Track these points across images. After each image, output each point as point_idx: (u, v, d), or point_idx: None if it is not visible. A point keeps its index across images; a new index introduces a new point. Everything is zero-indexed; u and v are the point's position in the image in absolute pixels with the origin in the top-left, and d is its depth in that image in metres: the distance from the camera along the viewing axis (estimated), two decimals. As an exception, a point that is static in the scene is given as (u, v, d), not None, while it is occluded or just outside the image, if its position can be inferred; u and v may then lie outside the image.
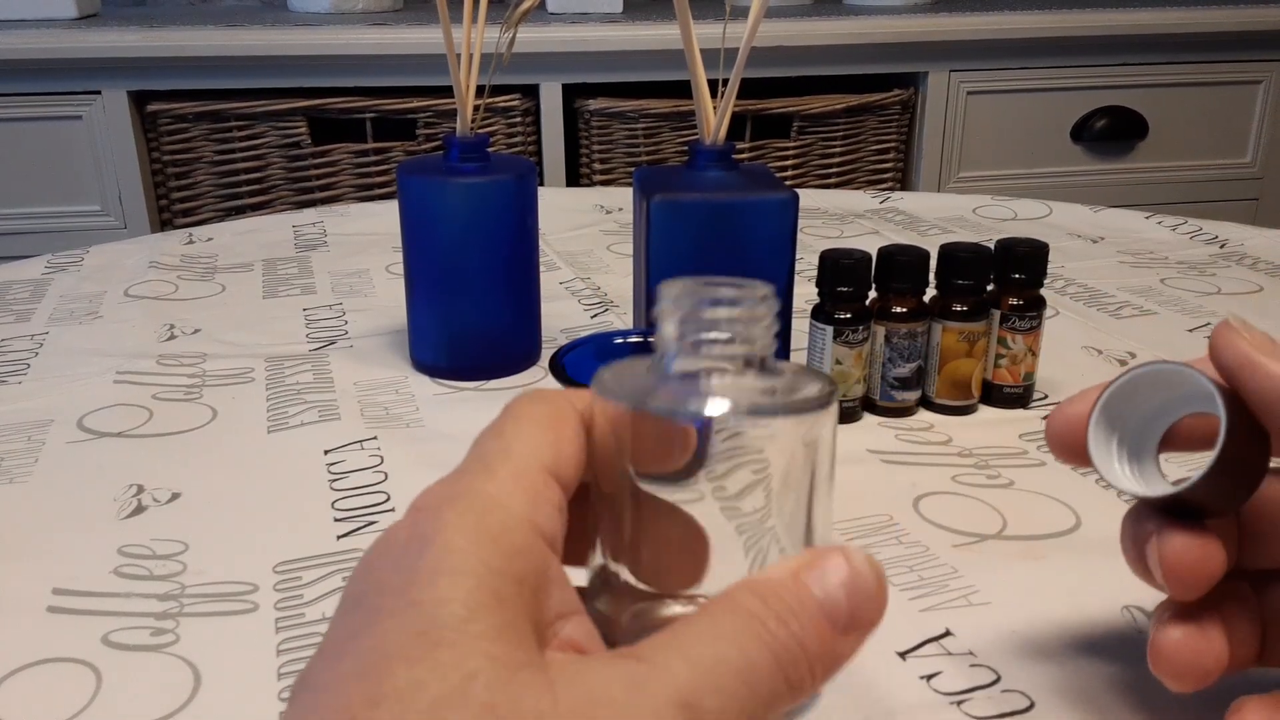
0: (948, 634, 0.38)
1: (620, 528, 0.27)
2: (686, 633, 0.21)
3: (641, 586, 0.27)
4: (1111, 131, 1.57)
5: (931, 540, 0.44)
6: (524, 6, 0.56)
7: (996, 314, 0.55)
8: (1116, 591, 0.40)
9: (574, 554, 0.27)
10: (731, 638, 0.21)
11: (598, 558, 0.28)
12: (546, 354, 0.63)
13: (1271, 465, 0.29)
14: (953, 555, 0.43)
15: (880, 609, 0.23)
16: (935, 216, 0.96)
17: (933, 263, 0.55)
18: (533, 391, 0.28)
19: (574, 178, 1.50)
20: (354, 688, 0.19)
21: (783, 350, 0.57)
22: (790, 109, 1.45)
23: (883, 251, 0.54)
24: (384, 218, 0.94)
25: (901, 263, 0.53)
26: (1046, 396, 0.58)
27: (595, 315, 0.71)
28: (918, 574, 0.42)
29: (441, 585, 0.20)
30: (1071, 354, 0.64)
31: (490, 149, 0.60)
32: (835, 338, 0.53)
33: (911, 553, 0.43)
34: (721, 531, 0.27)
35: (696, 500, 0.27)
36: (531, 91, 1.43)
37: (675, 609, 0.27)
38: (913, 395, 0.55)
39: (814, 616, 0.22)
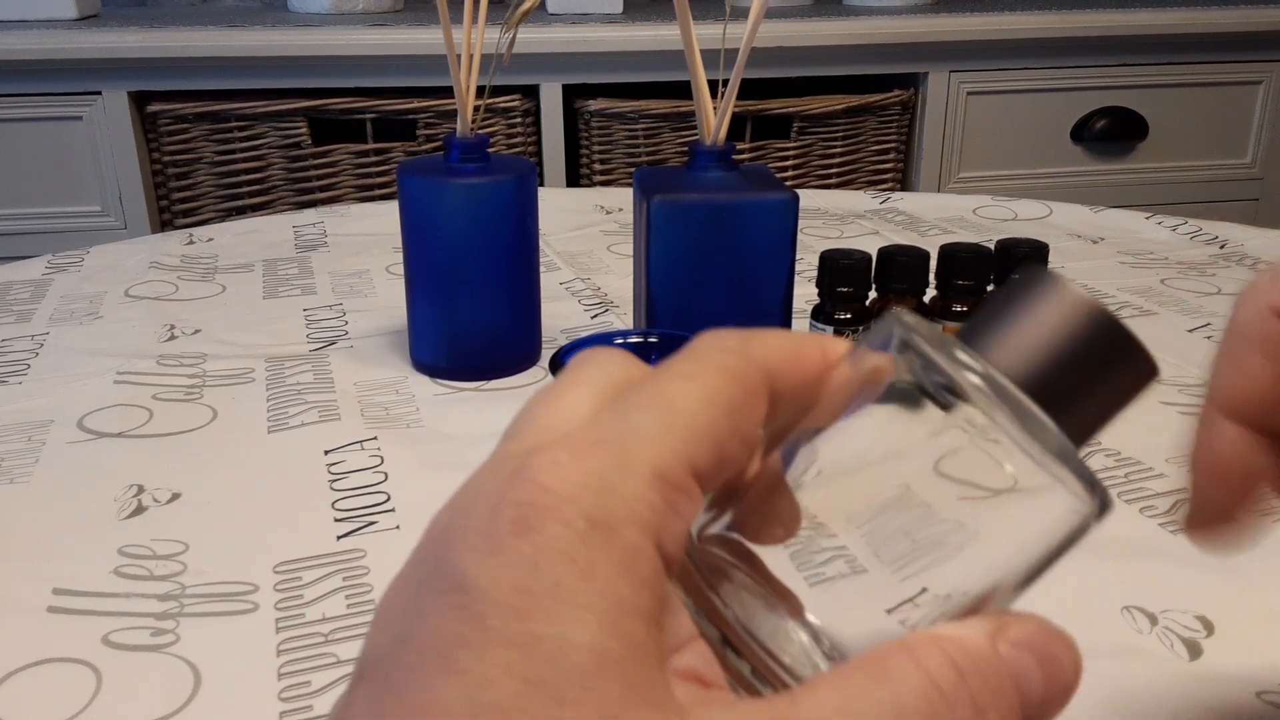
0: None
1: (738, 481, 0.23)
2: (857, 695, 0.18)
3: (735, 537, 0.23)
4: (1111, 132, 1.57)
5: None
6: (524, 7, 0.56)
7: (996, 314, 0.55)
8: (1116, 592, 0.40)
9: None
10: (915, 713, 0.18)
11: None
12: (546, 354, 0.63)
13: None
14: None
15: (1064, 703, 0.19)
16: (935, 217, 0.96)
17: (933, 263, 0.55)
18: (724, 345, 0.22)
19: (574, 178, 1.50)
20: None
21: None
22: (790, 109, 1.45)
23: (883, 252, 0.54)
24: (384, 218, 0.94)
25: (901, 263, 0.53)
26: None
27: (595, 315, 0.71)
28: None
29: (567, 621, 0.17)
30: (1071, 354, 0.64)
31: (490, 149, 0.60)
32: (835, 338, 0.53)
33: (911, 553, 0.43)
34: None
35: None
36: (531, 92, 1.43)
37: (794, 632, 0.22)
38: (913, 395, 0.55)
39: (1011, 707, 0.19)
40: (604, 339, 0.51)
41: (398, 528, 0.46)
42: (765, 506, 0.22)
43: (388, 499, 0.48)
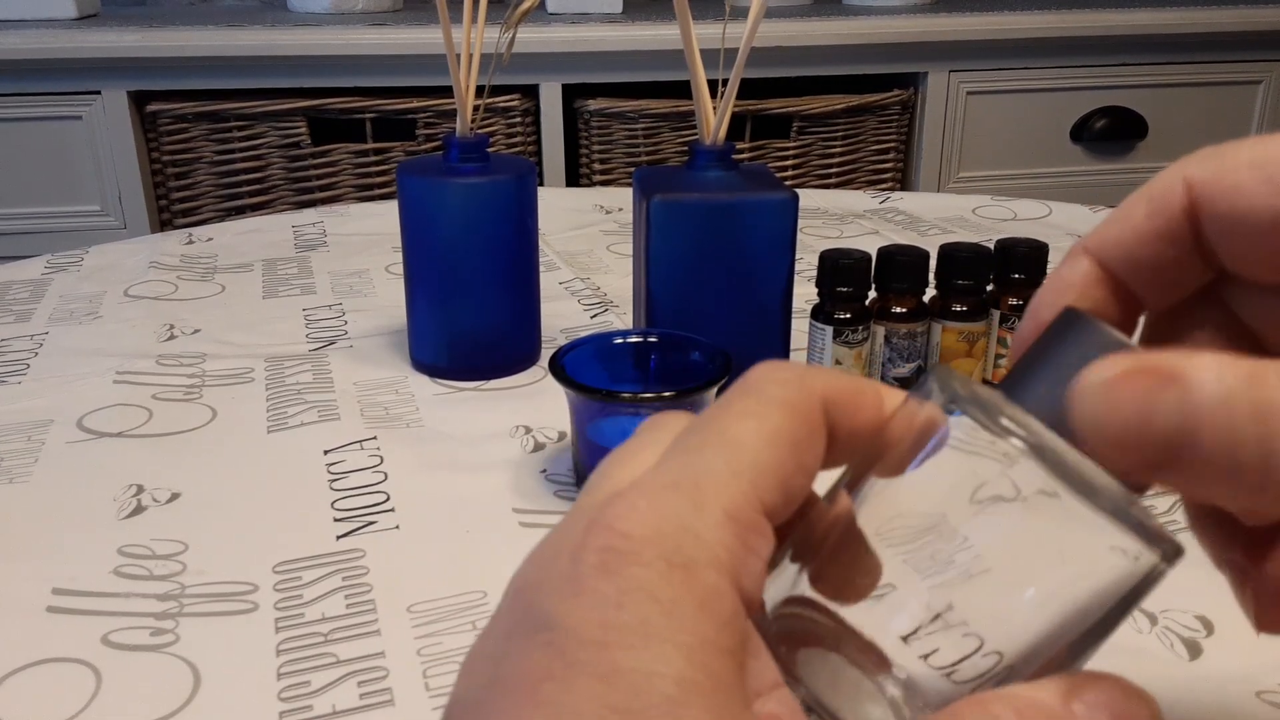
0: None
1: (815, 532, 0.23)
2: None
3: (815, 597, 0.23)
4: (1111, 131, 1.57)
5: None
6: (524, 6, 0.56)
7: (996, 314, 0.55)
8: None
9: None
10: None
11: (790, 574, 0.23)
12: (546, 354, 0.63)
13: None
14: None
15: None
16: (935, 216, 0.96)
17: (933, 263, 0.55)
18: (782, 379, 0.22)
19: (574, 178, 1.50)
20: None
21: (782, 350, 0.57)
22: (790, 109, 1.45)
23: (883, 251, 0.54)
24: (384, 218, 0.94)
25: (901, 263, 0.53)
26: (1046, 396, 0.58)
27: (595, 315, 0.71)
28: (917, 574, 0.42)
29: (652, 653, 0.17)
30: (1071, 354, 0.64)
31: (490, 149, 0.60)
32: (835, 338, 0.53)
33: (911, 553, 0.43)
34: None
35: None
36: (531, 91, 1.43)
37: (885, 686, 0.22)
38: (912, 395, 0.55)
39: None
40: (604, 339, 0.51)
41: (397, 527, 0.46)
42: (845, 559, 0.22)
43: (387, 499, 0.48)
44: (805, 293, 0.57)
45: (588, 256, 0.84)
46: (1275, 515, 0.20)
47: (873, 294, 0.54)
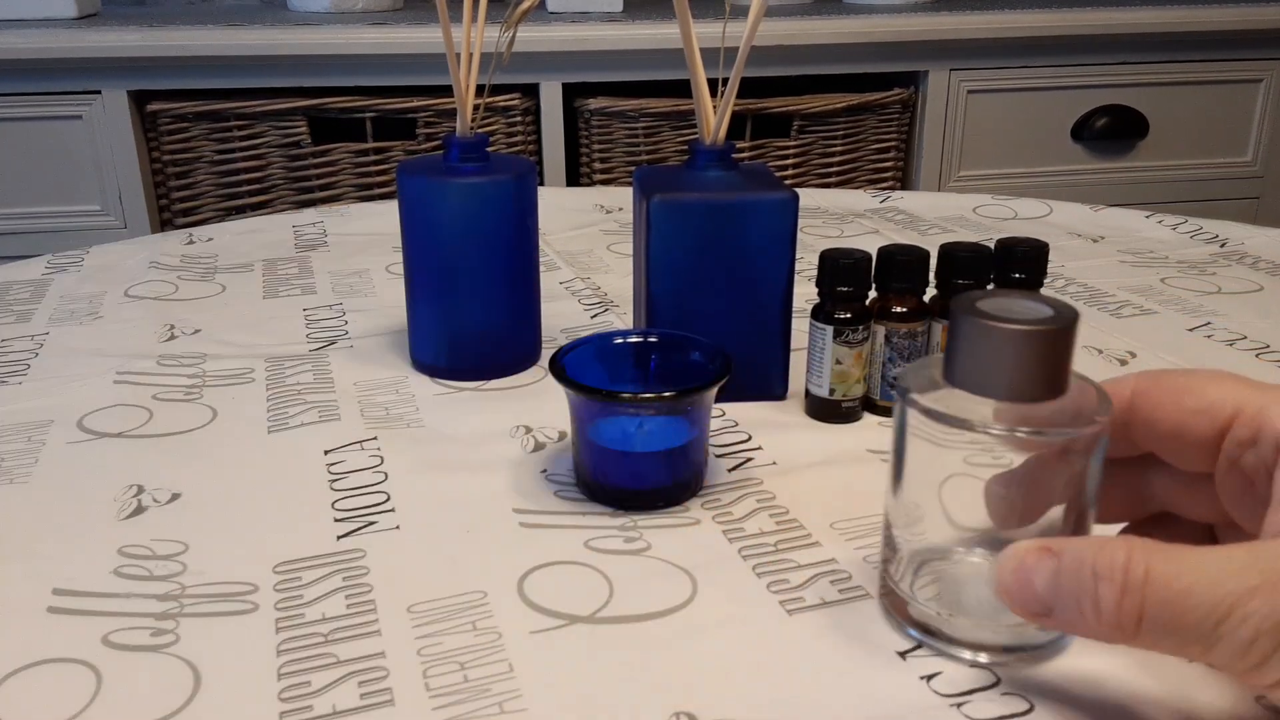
0: (948, 634, 0.38)
1: None
2: None
3: None
4: (1112, 130, 1.57)
5: (932, 540, 0.44)
6: (524, 6, 0.56)
7: (996, 313, 0.55)
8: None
9: None
10: None
11: None
12: (546, 354, 0.63)
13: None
14: (953, 555, 0.43)
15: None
16: (935, 216, 0.96)
17: (933, 262, 0.54)
18: None
19: (574, 178, 1.50)
20: None
21: (782, 350, 0.57)
22: (790, 108, 1.45)
23: (883, 251, 0.54)
24: (384, 218, 0.94)
25: (901, 262, 0.53)
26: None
27: (595, 315, 0.71)
28: (918, 574, 0.42)
29: None
30: (1072, 353, 0.64)
31: (490, 149, 0.60)
32: (835, 338, 0.53)
33: (911, 552, 0.43)
34: None
35: None
36: (531, 91, 1.43)
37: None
38: (913, 395, 0.55)
39: None
40: (604, 339, 0.51)
41: (398, 528, 0.46)
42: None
43: (387, 499, 0.48)
44: (805, 293, 0.57)
45: (588, 256, 0.84)
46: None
47: (873, 294, 0.54)
